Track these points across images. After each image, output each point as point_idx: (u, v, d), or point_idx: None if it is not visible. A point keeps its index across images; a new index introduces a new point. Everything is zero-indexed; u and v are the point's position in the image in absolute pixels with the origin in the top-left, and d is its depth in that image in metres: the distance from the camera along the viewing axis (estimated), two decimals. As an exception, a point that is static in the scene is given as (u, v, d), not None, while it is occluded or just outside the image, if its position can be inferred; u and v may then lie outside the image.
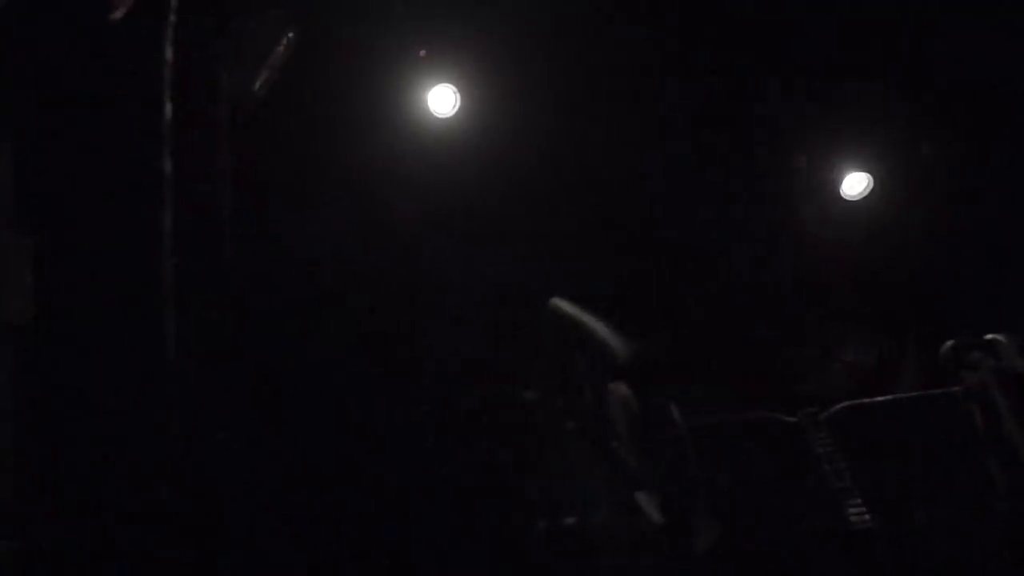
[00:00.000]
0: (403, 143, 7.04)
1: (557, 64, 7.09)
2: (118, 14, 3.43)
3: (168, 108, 3.57)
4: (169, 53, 3.61)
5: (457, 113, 7.20)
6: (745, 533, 4.76)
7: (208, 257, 4.24)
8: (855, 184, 7.67)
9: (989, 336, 4.91)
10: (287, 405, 6.07)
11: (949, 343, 4.99)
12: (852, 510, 4.98)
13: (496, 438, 6.38)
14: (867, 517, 4.94)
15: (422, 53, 7.00)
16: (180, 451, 3.25)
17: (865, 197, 7.66)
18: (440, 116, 7.20)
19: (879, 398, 5.46)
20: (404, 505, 6.04)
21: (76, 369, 3.11)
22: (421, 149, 7.09)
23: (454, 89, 7.17)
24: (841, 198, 7.68)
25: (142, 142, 3.49)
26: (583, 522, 5.58)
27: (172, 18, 3.61)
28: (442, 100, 7.20)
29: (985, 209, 7.41)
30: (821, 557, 4.78)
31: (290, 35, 5.38)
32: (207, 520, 3.93)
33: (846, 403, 5.35)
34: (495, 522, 6.02)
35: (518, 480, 6.14)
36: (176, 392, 3.23)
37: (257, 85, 5.20)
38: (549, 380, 6.25)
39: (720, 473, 4.90)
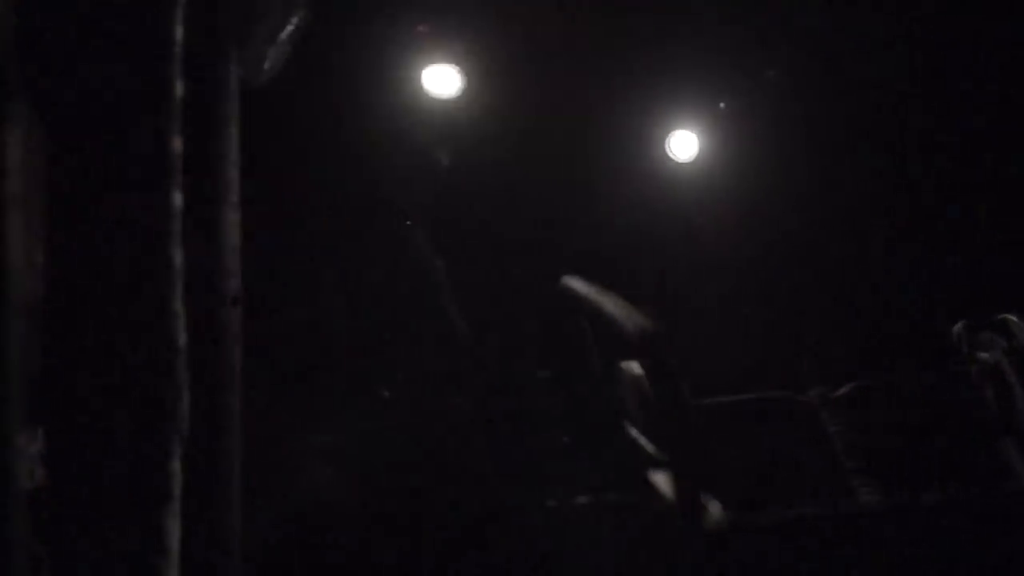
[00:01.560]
0: (401, 124, 6.93)
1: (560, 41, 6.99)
2: (128, -7, 3.43)
3: (178, 87, 3.56)
4: (179, 32, 3.61)
5: (460, 94, 7.06)
6: (756, 512, 4.75)
7: (218, 236, 4.25)
8: (685, 147, 7.44)
9: (1000, 316, 4.90)
10: (296, 384, 6.08)
11: (960, 323, 4.99)
12: (864, 489, 4.98)
13: (507, 418, 6.38)
14: (879, 497, 4.94)
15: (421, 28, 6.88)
16: (190, 427, 3.26)
17: (695, 159, 7.45)
18: (440, 97, 7.04)
19: (892, 378, 5.45)
20: (411, 483, 6.06)
21: (85, 349, 3.12)
22: (420, 131, 6.99)
23: (457, 69, 7.05)
24: (670, 159, 7.48)
25: (151, 121, 3.49)
26: (595, 501, 5.59)
27: (182, -4, 3.60)
28: (443, 80, 7.05)
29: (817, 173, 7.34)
30: (832, 537, 4.78)
31: (303, 12, 5.36)
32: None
33: (859, 382, 5.34)
34: (507, 501, 6.04)
35: (529, 459, 6.16)
36: (187, 374, 3.24)
37: (267, 64, 5.19)
38: (561, 359, 6.25)
39: (731, 452, 4.90)
